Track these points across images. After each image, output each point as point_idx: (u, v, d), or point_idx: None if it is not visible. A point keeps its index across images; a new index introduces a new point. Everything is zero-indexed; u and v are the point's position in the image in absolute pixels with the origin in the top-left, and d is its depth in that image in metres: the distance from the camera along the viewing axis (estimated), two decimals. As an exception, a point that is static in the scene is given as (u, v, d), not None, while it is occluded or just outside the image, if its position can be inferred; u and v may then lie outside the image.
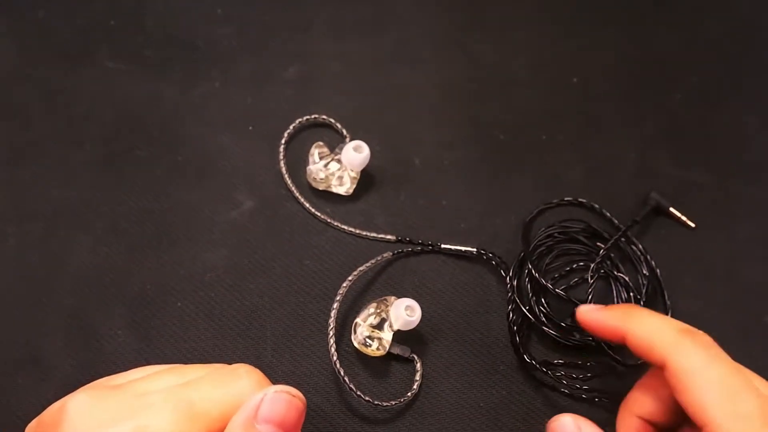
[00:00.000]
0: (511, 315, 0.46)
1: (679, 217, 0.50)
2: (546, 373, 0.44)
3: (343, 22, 0.57)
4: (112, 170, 0.51)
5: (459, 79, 0.56)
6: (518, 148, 0.53)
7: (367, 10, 0.58)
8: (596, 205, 0.50)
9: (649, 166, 0.53)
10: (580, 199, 0.50)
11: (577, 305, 0.45)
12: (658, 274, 0.48)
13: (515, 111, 0.55)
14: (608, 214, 0.50)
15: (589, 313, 0.40)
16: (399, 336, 0.44)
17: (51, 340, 0.45)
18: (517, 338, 0.45)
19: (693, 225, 0.50)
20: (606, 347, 0.44)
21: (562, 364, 0.45)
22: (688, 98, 0.56)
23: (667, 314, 0.47)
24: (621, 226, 0.49)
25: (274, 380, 0.44)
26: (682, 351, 0.35)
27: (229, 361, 0.44)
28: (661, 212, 0.50)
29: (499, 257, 0.48)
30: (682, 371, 0.34)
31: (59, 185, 0.50)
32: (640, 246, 0.48)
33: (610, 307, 0.39)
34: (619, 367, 0.45)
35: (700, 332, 0.36)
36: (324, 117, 0.52)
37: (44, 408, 0.34)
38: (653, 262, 0.48)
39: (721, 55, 0.58)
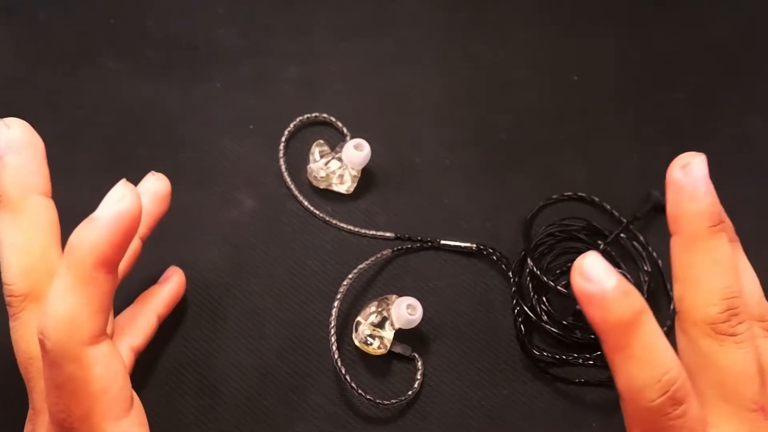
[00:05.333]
0: (516, 310, 0.46)
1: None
2: (555, 364, 0.44)
3: (344, 23, 0.58)
4: (114, 172, 0.50)
5: (460, 79, 0.56)
6: (519, 148, 0.53)
7: (368, 11, 0.58)
8: (596, 199, 0.50)
9: (650, 166, 0.52)
10: (579, 194, 0.50)
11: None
12: (661, 269, 0.48)
13: (516, 110, 0.55)
14: (608, 207, 0.50)
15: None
16: (400, 335, 0.44)
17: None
18: (523, 332, 0.45)
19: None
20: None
21: (566, 361, 0.45)
22: (689, 98, 0.56)
23: (670, 309, 0.47)
24: (623, 219, 0.49)
25: (277, 379, 0.44)
26: None
27: (229, 360, 0.45)
28: (662, 210, 0.50)
29: (499, 252, 0.48)
30: None
31: (62, 188, 0.49)
32: (642, 241, 0.48)
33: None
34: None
35: None
36: (325, 115, 0.52)
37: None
38: (655, 258, 0.48)
39: (722, 54, 0.58)
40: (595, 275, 0.29)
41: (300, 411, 0.43)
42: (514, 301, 0.46)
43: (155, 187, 0.41)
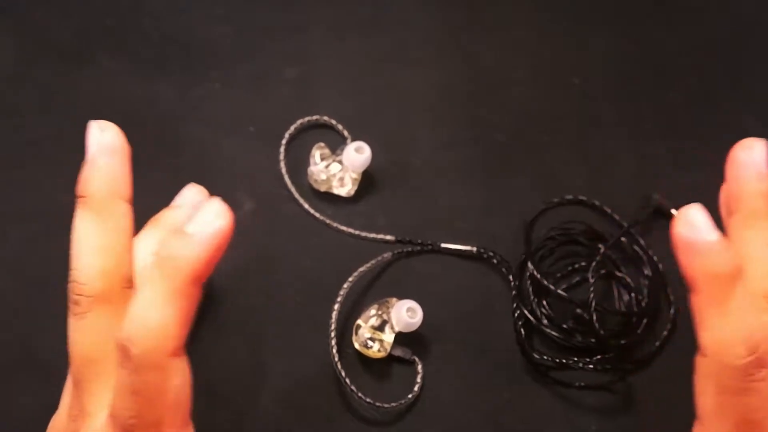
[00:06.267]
0: (516, 314, 0.46)
1: (680, 219, 0.50)
2: (555, 368, 0.44)
3: (342, 23, 0.57)
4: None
5: (458, 80, 0.56)
6: (518, 149, 0.53)
7: (366, 10, 0.58)
8: (597, 202, 0.50)
9: (648, 167, 0.53)
10: (580, 197, 0.50)
11: (579, 305, 0.45)
12: (662, 273, 0.48)
13: (515, 111, 0.55)
14: (609, 211, 0.50)
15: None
16: (400, 338, 0.44)
17: (50, 341, 0.44)
18: (523, 335, 0.45)
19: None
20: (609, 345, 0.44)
21: (566, 365, 0.45)
22: (688, 98, 0.56)
23: (670, 313, 0.47)
24: (623, 223, 0.49)
25: (276, 381, 0.44)
26: None
27: (228, 362, 0.45)
28: (663, 214, 0.50)
29: (500, 255, 0.48)
30: None
31: (58, 186, 0.49)
32: (642, 245, 0.48)
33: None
34: (627, 366, 0.45)
35: None
36: (325, 118, 0.52)
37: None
38: (656, 262, 0.48)
39: (721, 55, 0.58)
40: (701, 225, 0.29)
41: (299, 413, 0.43)
42: (515, 305, 0.46)
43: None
